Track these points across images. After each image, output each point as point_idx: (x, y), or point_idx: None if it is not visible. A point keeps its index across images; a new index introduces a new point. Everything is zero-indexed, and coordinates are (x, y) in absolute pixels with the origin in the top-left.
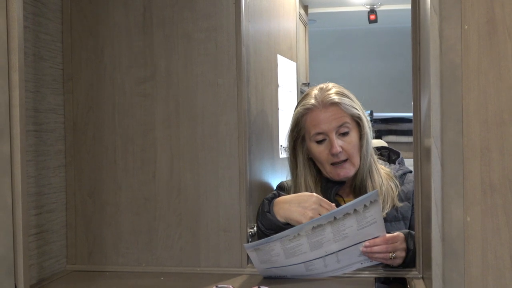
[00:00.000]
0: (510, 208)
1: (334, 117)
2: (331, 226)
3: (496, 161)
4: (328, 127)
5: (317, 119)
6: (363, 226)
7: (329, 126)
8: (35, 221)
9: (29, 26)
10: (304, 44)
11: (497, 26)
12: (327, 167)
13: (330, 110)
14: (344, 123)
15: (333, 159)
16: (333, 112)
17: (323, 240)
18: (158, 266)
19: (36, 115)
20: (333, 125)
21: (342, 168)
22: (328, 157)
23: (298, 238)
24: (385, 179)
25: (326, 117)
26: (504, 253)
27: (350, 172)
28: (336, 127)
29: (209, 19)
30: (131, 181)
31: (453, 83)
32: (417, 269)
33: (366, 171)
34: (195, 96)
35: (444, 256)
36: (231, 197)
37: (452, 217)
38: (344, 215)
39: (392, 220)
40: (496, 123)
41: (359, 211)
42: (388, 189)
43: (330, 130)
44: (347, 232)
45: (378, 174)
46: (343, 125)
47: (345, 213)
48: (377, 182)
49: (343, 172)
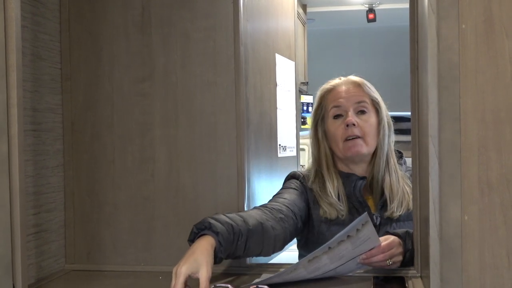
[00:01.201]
0: (507, 207)
1: (354, 93)
2: (327, 255)
3: (494, 160)
4: (347, 102)
5: (337, 94)
6: (357, 245)
7: (348, 101)
8: (33, 221)
9: (27, 25)
10: (303, 43)
11: (495, 25)
12: (340, 144)
13: (351, 87)
14: (362, 101)
15: (347, 133)
16: (354, 89)
17: (320, 266)
18: (156, 266)
19: (35, 115)
20: (351, 101)
21: (354, 143)
22: (343, 131)
23: (296, 271)
24: (401, 180)
25: (346, 92)
26: (502, 251)
27: (362, 149)
28: (355, 103)
29: (207, 18)
30: (130, 181)
31: (450, 82)
32: (416, 268)
33: (384, 164)
34: (193, 95)
35: (442, 255)
36: (230, 196)
37: (450, 216)
38: (338, 243)
39: (405, 220)
40: (493, 122)
41: (352, 236)
42: (404, 192)
43: (348, 105)
44: (343, 254)
45: (396, 174)
46: (361, 103)
47: (339, 241)
48: (395, 182)
49: (355, 149)
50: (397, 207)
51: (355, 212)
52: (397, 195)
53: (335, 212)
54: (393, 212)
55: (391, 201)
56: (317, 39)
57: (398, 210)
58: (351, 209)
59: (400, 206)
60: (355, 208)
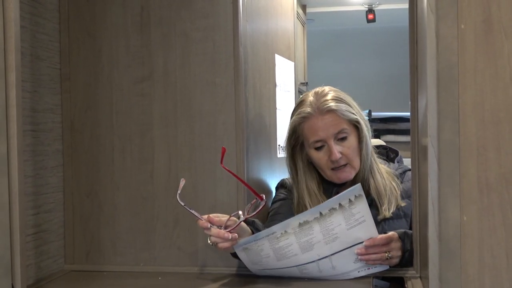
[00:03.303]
0: (506, 207)
1: (331, 123)
2: (318, 224)
3: (493, 160)
4: (326, 134)
5: (314, 127)
6: (352, 225)
7: (327, 133)
8: (32, 221)
9: (26, 26)
10: (302, 43)
11: (494, 26)
12: (327, 172)
13: (326, 118)
14: (342, 130)
15: (333, 165)
16: (330, 119)
17: (313, 240)
18: (156, 266)
19: (34, 115)
20: (330, 132)
21: (343, 172)
22: (328, 163)
23: (286, 236)
24: (387, 178)
25: (323, 125)
26: (501, 252)
27: (350, 175)
28: (334, 134)
29: (206, 18)
30: (129, 181)
31: (449, 82)
32: (415, 268)
33: (367, 172)
34: (192, 95)
35: (441, 255)
36: (229, 196)
37: (449, 216)
38: (330, 210)
39: (394, 218)
40: (492, 122)
41: (344, 206)
42: (392, 189)
43: (328, 137)
44: (337, 232)
45: (380, 174)
46: (341, 131)
47: (330, 208)
48: (380, 182)
49: (343, 176)
50: (388, 208)
51: None
52: (386, 195)
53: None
54: (386, 214)
55: (381, 203)
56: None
57: (390, 209)
58: None
59: (390, 204)
60: None
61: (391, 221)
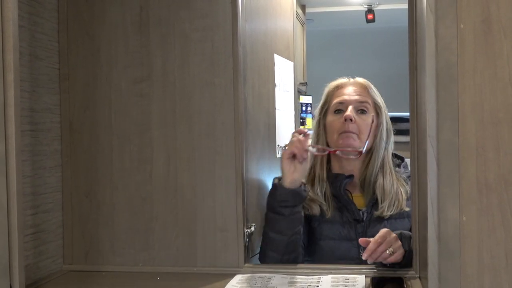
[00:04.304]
0: (505, 208)
1: (358, 92)
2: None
3: (492, 160)
4: (350, 99)
5: (342, 91)
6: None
7: (351, 98)
8: (31, 221)
9: (25, 25)
10: (302, 43)
11: (493, 25)
12: (335, 136)
13: (357, 87)
14: (364, 102)
15: (343, 127)
16: (359, 90)
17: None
18: (155, 266)
19: (32, 115)
20: (354, 99)
21: (349, 137)
22: (340, 125)
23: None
24: (396, 182)
25: (351, 91)
26: (500, 252)
27: (354, 143)
28: (357, 102)
29: (205, 18)
30: (128, 181)
31: (448, 82)
32: (414, 268)
33: (378, 167)
34: (191, 95)
35: (440, 255)
36: (228, 196)
37: (448, 217)
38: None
39: (397, 218)
40: (491, 122)
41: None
42: (398, 193)
43: (350, 101)
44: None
45: (391, 176)
46: (363, 103)
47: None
48: (388, 182)
49: (348, 141)
50: (388, 207)
51: (344, 210)
52: (389, 196)
53: (317, 208)
54: (384, 211)
55: (382, 200)
56: (316, 40)
57: (389, 210)
58: (341, 207)
59: (391, 206)
60: (345, 206)
61: (393, 221)
